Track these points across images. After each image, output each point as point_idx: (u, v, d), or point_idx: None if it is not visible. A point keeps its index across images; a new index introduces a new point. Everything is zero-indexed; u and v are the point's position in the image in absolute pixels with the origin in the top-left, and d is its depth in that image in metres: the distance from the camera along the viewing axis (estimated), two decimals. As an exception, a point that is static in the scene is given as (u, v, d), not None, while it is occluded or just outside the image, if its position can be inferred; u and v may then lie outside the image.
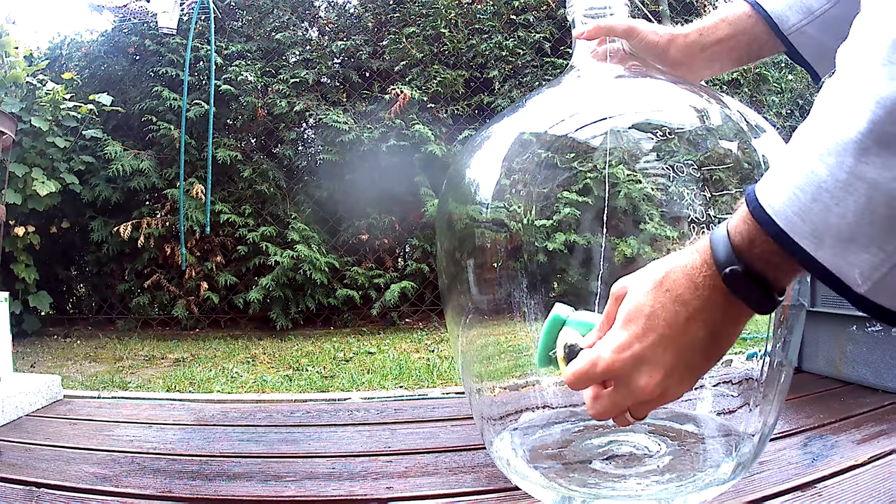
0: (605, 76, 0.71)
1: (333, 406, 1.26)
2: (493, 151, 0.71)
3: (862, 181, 0.32)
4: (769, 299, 0.39)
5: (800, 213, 0.34)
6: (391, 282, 3.51)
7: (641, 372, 0.42)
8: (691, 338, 0.40)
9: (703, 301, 0.40)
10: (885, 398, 1.03)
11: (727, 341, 0.41)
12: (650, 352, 0.41)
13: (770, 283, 0.38)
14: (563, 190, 0.70)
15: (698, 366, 0.42)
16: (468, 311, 0.70)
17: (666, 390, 0.42)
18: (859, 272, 0.33)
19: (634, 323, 0.42)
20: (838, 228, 0.33)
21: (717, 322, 0.40)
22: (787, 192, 0.35)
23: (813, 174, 0.33)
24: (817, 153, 0.33)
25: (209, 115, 3.31)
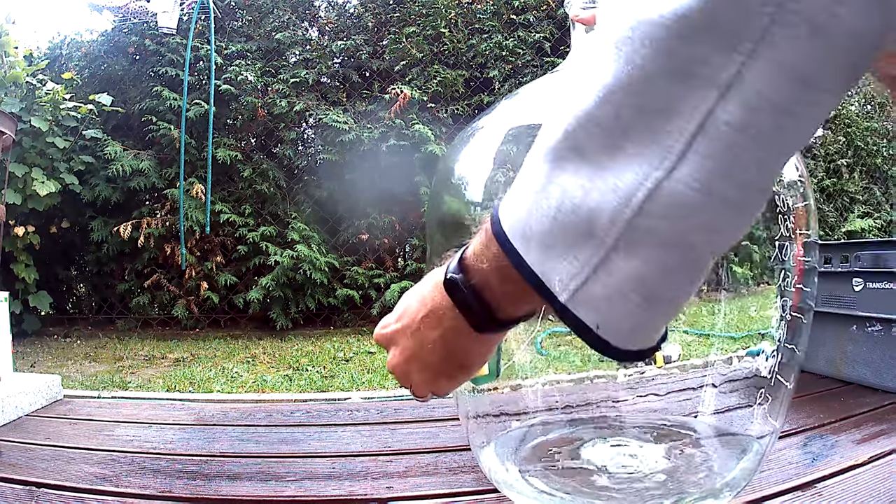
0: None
1: (333, 406, 1.26)
2: (484, 145, 0.69)
3: (556, 185, 0.32)
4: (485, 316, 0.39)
5: (516, 216, 0.34)
6: (391, 281, 3.51)
7: (392, 348, 0.47)
8: (425, 335, 0.43)
9: (434, 304, 0.42)
10: (885, 398, 1.03)
11: (464, 352, 0.43)
12: (397, 335, 0.46)
13: (487, 299, 0.38)
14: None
15: (437, 365, 0.44)
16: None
17: (408, 374, 0.46)
18: (558, 279, 0.33)
19: (397, 310, 0.47)
20: (539, 232, 0.33)
21: (446, 327, 0.41)
22: (513, 197, 0.35)
23: (524, 181, 0.34)
24: (530, 163, 0.34)
25: (209, 115, 3.32)
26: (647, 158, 0.29)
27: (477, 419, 0.73)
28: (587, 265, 0.32)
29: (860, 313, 1.12)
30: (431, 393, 0.47)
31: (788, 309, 0.61)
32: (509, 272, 0.35)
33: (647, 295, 0.32)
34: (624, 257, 0.31)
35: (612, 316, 0.33)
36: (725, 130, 0.28)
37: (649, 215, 0.29)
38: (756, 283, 0.65)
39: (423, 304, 0.43)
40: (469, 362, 0.44)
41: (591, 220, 0.31)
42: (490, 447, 0.70)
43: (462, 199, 0.68)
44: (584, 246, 0.31)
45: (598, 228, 0.31)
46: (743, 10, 0.26)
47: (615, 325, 0.33)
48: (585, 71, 0.32)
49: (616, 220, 0.30)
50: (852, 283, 1.15)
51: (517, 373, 0.75)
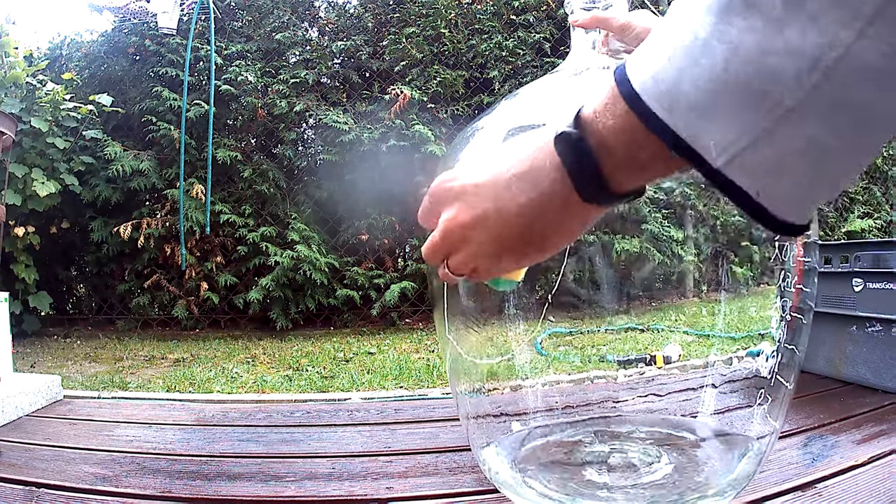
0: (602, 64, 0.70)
1: (333, 406, 1.26)
2: (484, 145, 0.69)
3: (721, 42, 0.29)
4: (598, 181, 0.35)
5: (656, 76, 0.31)
6: (391, 282, 3.51)
7: (455, 205, 0.41)
8: (511, 196, 0.38)
9: (534, 163, 0.37)
10: (885, 398, 1.03)
11: (549, 227, 0.38)
12: (470, 189, 0.40)
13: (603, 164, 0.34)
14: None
15: (509, 238, 0.39)
16: (459, 312, 0.69)
17: (470, 239, 0.40)
18: (714, 143, 0.30)
19: (473, 162, 0.41)
20: (693, 94, 0.30)
21: (540, 193, 0.37)
22: (651, 54, 0.32)
23: (675, 35, 0.31)
24: (683, 16, 0.31)
25: (209, 116, 3.32)
26: (833, 18, 0.27)
27: (477, 419, 0.73)
28: (756, 128, 0.29)
29: (860, 313, 1.13)
30: (473, 274, 0.41)
31: (788, 309, 0.61)
32: (641, 135, 0.32)
33: (820, 163, 0.30)
34: (801, 123, 0.28)
35: (776, 182, 0.30)
36: None
37: (837, 81, 0.27)
38: (756, 284, 0.65)
39: (518, 159, 0.38)
40: (550, 241, 0.38)
41: (770, 82, 0.28)
42: (490, 447, 0.70)
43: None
44: (754, 109, 0.29)
45: (776, 91, 0.28)
46: None
47: (778, 191, 0.30)
48: None
49: (801, 84, 0.27)
50: (852, 283, 1.15)
51: (517, 373, 0.75)
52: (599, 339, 0.78)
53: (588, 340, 0.78)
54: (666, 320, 0.80)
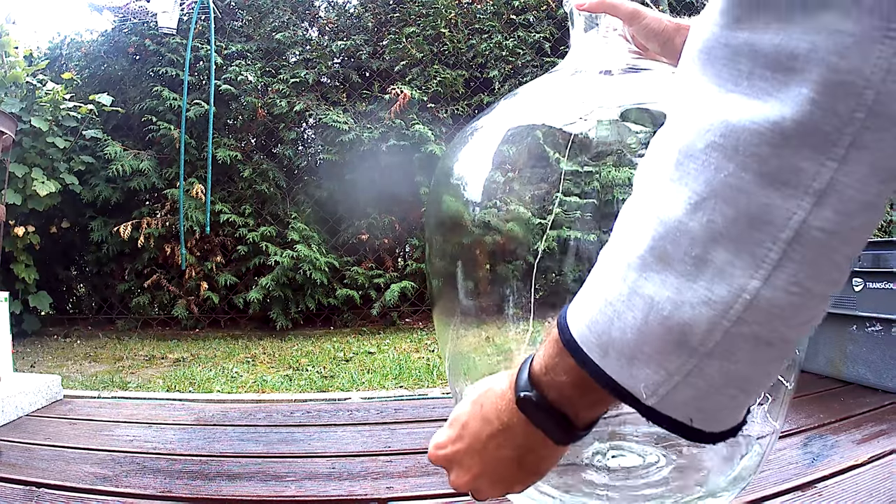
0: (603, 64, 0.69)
1: (333, 406, 1.26)
2: (483, 145, 0.69)
3: (641, 297, 0.31)
4: (565, 428, 0.38)
5: (590, 326, 0.34)
6: (391, 282, 3.51)
7: (453, 469, 0.45)
8: (494, 455, 0.42)
9: (503, 424, 0.40)
10: (885, 398, 1.03)
11: (538, 462, 0.42)
12: (459, 456, 0.44)
13: (566, 412, 0.38)
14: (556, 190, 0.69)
15: (510, 478, 0.43)
16: (458, 312, 0.69)
17: (479, 490, 0.44)
18: (644, 386, 0.32)
19: (453, 427, 0.45)
20: (621, 343, 0.32)
21: (519, 445, 0.40)
22: (584, 305, 0.35)
23: (603, 288, 0.34)
24: (609, 269, 0.34)
25: (209, 115, 3.32)
26: (740, 269, 0.29)
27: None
28: (678, 373, 0.32)
29: (860, 313, 1.12)
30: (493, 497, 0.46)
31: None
32: (588, 382, 0.35)
33: (744, 387, 0.32)
34: (720, 362, 0.31)
35: (706, 410, 0.33)
36: (819, 237, 0.28)
37: (748, 323, 0.30)
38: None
39: (487, 421, 0.42)
40: (545, 469, 0.43)
41: (684, 332, 0.31)
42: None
43: (461, 199, 0.68)
44: (674, 356, 0.31)
45: (692, 340, 0.30)
46: (836, 118, 0.26)
47: (709, 416, 0.33)
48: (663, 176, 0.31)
49: (713, 331, 0.30)
50: (852, 283, 1.15)
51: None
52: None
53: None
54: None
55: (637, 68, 0.68)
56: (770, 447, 0.64)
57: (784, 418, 0.64)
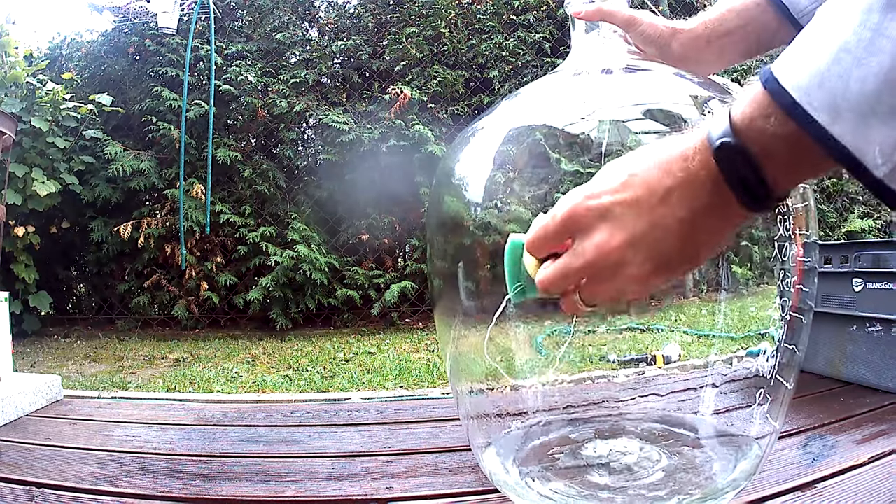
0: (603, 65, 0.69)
1: (333, 406, 1.26)
2: (484, 146, 0.69)
3: (888, 39, 0.28)
4: (761, 189, 0.34)
5: (817, 81, 0.30)
6: (391, 282, 3.51)
7: (603, 227, 0.37)
8: (668, 211, 0.36)
9: (689, 175, 0.35)
10: (885, 398, 1.03)
11: (707, 238, 0.36)
12: (619, 208, 0.37)
13: (765, 173, 0.33)
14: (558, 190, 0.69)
15: (668, 255, 0.37)
16: (459, 312, 0.69)
17: (624, 263, 0.37)
18: (879, 150, 0.29)
19: (615, 176, 0.38)
20: (858, 96, 0.29)
21: (699, 205, 0.35)
22: (805, 58, 0.31)
23: (834, 35, 0.30)
24: (841, 14, 0.30)
25: (209, 115, 3.32)
26: None
27: (477, 419, 0.73)
28: None
29: (860, 313, 1.12)
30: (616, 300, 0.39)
31: (788, 309, 0.61)
32: (805, 145, 0.31)
33: None
34: None
35: None
36: None
37: None
38: (756, 284, 0.65)
39: (666, 170, 0.35)
40: (704, 252, 0.37)
41: None
42: (490, 447, 0.70)
43: (462, 200, 0.68)
44: None
45: None
46: None
47: None
48: None
49: None
50: (852, 283, 1.15)
51: (517, 373, 0.75)
52: (599, 339, 0.78)
53: (588, 340, 0.78)
54: (666, 320, 0.80)
55: (637, 69, 0.68)
56: (770, 448, 0.64)
57: (784, 419, 0.64)
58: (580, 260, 0.38)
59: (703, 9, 0.69)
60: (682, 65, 0.67)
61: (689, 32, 0.66)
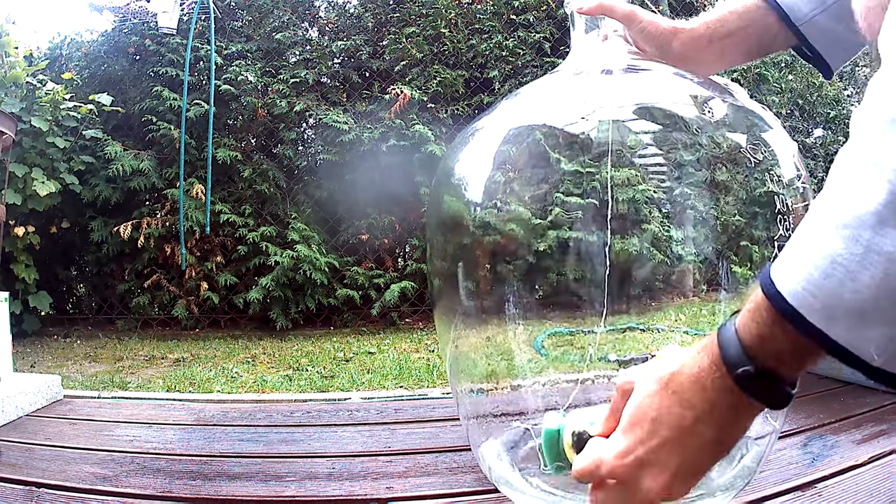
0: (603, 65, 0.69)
1: (333, 406, 1.26)
2: (484, 146, 0.69)
3: (879, 255, 0.30)
4: (783, 394, 0.38)
5: (813, 291, 0.33)
6: (391, 282, 3.51)
7: (646, 475, 0.41)
8: (699, 440, 0.39)
9: (712, 404, 0.39)
10: (885, 398, 1.03)
11: (736, 437, 0.41)
12: (654, 456, 0.40)
13: (782, 377, 0.37)
14: (557, 190, 0.69)
15: (705, 464, 0.41)
16: (458, 312, 0.69)
17: (671, 492, 0.41)
18: (875, 347, 0.32)
19: (639, 426, 0.41)
20: (852, 304, 0.32)
21: (726, 422, 0.39)
22: (801, 268, 0.34)
23: (829, 249, 0.32)
24: (833, 227, 0.32)
25: (209, 115, 3.32)
26: None
27: (477, 419, 0.73)
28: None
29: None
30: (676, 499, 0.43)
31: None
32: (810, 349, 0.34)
33: None
34: None
35: None
36: None
37: None
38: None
39: (689, 406, 0.39)
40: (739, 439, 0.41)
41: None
42: (490, 446, 0.70)
43: (462, 200, 0.68)
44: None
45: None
46: None
47: None
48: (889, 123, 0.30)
49: None
50: (852, 283, 1.15)
51: (517, 373, 0.75)
52: (599, 339, 0.78)
53: (588, 340, 0.78)
54: (666, 320, 0.80)
55: (637, 69, 0.68)
56: (769, 447, 0.64)
57: (784, 418, 0.64)
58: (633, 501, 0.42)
59: (704, 8, 0.69)
60: (682, 64, 0.67)
61: (689, 32, 0.66)
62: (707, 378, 0.38)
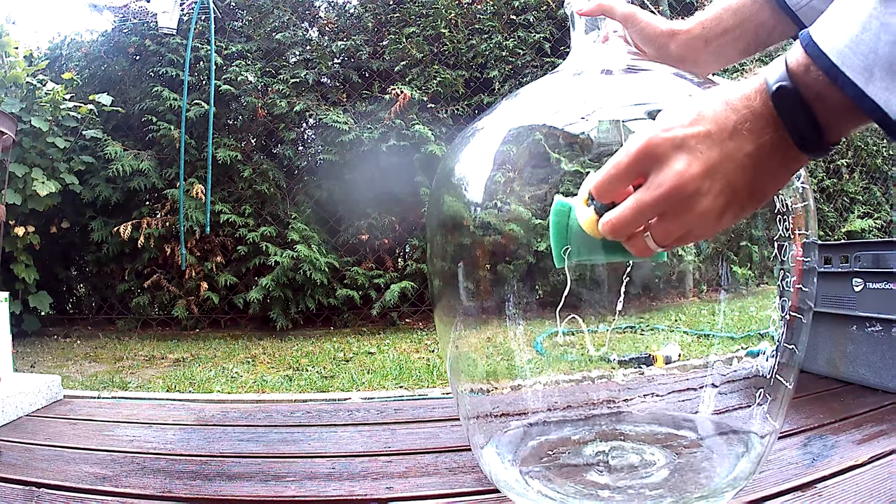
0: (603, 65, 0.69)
1: (333, 406, 1.26)
2: (484, 146, 0.69)
3: None
4: (816, 133, 0.36)
5: (851, 46, 0.33)
6: (391, 282, 3.51)
7: (681, 156, 0.38)
8: (737, 145, 0.38)
9: (754, 113, 0.37)
10: (885, 398, 1.03)
11: (769, 177, 0.39)
12: (693, 140, 0.38)
13: (819, 120, 0.36)
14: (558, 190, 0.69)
15: (738, 188, 0.39)
16: (459, 312, 0.69)
17: (700, 193, 0.38)
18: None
19: (682, 113, 0.39)
20: (889, 57, 0.32)
21: (762, 142, 0.37)
22: (839, 24, 0.34)
23: (863, 2, 0.33)
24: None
25: (209, 115, 3.32)
26: None
27: (477, 419, 0.73)
28: None
29: (860, 313, 1.12)
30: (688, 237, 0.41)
31: (788, 309, 0.61)
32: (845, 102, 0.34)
33: None
34: None
35: None
36: None
37: None
38: (756, 284, 0.65)
39: (733, 108, 0.38)
40: (767, 191, 0.39)
41: None
42: (490, 447, 0.70)
43: (462, 200, 0.68)
44: None
45: None
46: None
47: None
48: None
49: None
50: (852, 283, 1.15)
51: (517, 373, 0.75)
52: (599, 339, 0.78)
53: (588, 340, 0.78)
54: (666, 320, 0.80)
55: (637, 69, 0.68)
56: (769, 447, 0.64)
57: (784, 418, 0.64)
58: (658, 191, 0.39)
59: (702, 8, 0.69)
60: (680, 65, 0.67)
61: (686, 33, 0.67)
62: (751, 92, 0.38)
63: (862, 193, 4.49)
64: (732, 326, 0.68)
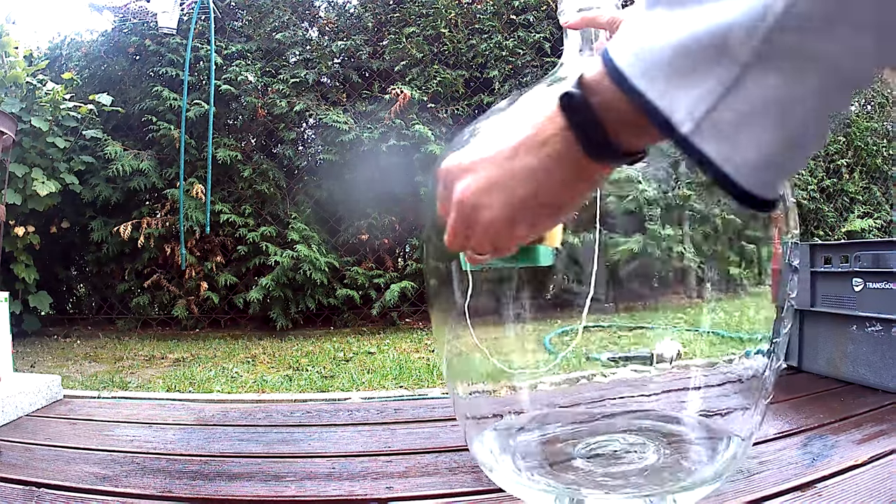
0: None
1: (333, 406, 1.26)
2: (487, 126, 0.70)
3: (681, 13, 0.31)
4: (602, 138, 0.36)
5: (636, 52, 0.33)
6: (391, 282, 3.51)
7: (466, 176, 0.42)
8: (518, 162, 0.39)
9: (535, 129, 0.38)
10: (885, 398, 1.03)
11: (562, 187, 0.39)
12: (479, 164, 0.41)
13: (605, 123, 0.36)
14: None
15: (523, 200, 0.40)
16: (454, 312, 0.69)
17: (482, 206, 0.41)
18: (684, 108, 0.31)
19: (479, 142, 0.42)
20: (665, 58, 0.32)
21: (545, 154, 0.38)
22: (628, 34, 0.34)
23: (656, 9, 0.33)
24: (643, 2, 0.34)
25: (209, 115, 3.32)
26: None
27: (472, 418, 0.73)
28: (718, 86, 0.30)
29: (860, 313, 1.12)
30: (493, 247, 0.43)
31: (776, 308, 0.62)
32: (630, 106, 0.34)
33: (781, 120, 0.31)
34: (760, 75, 0.29)
35: (739, 145, 0.31)
36: None
37: (787, 29, 0.28)
38: (755, 284, 0.65)
39: (521, 129, 0.39)
40: (561, 202, 0.40)
41: (724, 37, 0.29)
42: (487, 444, 0.71)
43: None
44: (714, 66, 0.30)
45: (731, 44, 0.29)
46: None
47: (742, 156, 0.31)
48: None
49: (753, 34, 0.29)
50: (852, 283, 1.15)
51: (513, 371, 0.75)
52: (599, 338, 0.78)
53: (586, 339, 0.78)
54: (666, 320, 0.80)
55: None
56: (749, 443, 0.64)
57: (763, 413, 0.64)
58: (452, 210, 0.43)
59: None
60: None
61: None
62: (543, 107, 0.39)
63: (862, 193, 4.49)
64: (732, 326, 0.68)
